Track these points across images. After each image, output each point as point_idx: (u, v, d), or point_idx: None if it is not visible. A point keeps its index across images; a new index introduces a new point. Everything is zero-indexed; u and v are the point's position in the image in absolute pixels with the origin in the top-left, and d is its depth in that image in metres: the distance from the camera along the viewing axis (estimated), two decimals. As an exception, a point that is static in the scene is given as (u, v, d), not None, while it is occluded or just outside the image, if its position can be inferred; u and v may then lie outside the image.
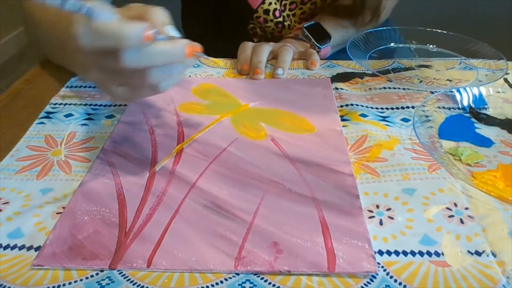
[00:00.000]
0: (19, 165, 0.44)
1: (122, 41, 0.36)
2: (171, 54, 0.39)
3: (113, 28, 0.36)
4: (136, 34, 0.36)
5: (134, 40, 0.36)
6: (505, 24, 1.56)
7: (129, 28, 0.36)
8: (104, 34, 0.36)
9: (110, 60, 0.37)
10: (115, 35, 0.36)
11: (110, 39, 0.36)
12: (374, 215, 0.38)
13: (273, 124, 0.50)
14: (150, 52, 0.37)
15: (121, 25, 0.36)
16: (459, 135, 0.48)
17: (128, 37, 0.36)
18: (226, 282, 0.32)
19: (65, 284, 0.32)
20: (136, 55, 0.37)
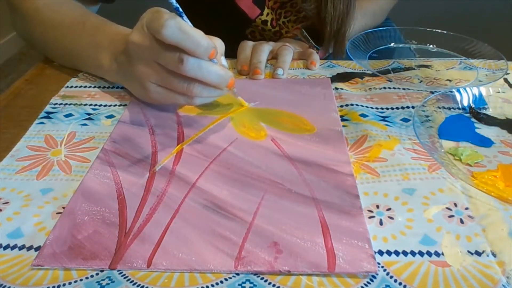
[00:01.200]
0: (19, 165, 0.44)
1: (198, 47, 0.41)
2: (221, 78, 0.44)
3: (196, 33, 0.41)
4: (207, 46, 0.41)
5: (205, 51, 0.41)
6: (505, 24, 1.56)
7: (206, 39, 0.41)
8: (188, 34, 0.40)
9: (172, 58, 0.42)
10: (196, 40, 0.41)
11: (191, 41, 0.41)
12: (374, 215, 0.38)
13: (273, 124, 0.50)
14: (208, 67, 0.43)
15: (202, 34, 0.42)
16: (459, 135, 0.48)
17: (203, 45, 0.41)
18: (226, 282, 0.32)
19: (65, 284, 0.32)
20: (196, 65, 0.42)
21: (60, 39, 0.59)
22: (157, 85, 0.45)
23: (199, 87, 0.44)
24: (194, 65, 0.42)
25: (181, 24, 0.41)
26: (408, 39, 0.70)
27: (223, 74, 0.44)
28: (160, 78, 0.45)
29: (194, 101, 0.46)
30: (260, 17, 0.74)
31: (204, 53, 0.41)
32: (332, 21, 0.65)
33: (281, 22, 0.75)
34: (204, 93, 0.45)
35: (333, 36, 0.67)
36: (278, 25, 0.75)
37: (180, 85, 0.44)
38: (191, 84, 0.44)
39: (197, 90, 0.44)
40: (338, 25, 0.65)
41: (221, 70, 0.44)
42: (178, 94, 0.45)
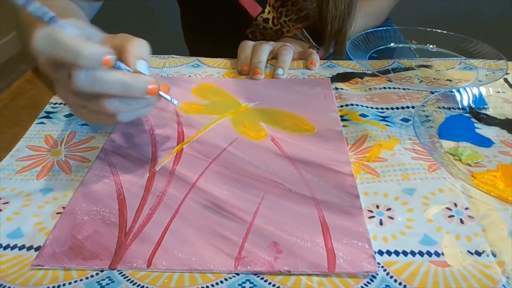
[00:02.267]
0: (19, 165, 0.44)
1: (78, 57, 0.34)
2: (127, 86, 0.37)
3: (72, 42, 0.34)
4: (94, 54, 0.34)
5: (91, 60, 0.34)
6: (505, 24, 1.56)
7: (88, 46, 0.34)
8: (62, 46, 0.34)
9: (61, 75, 0.36)
10: (73, 49, 0.34)
11: (66, 52, 0.34)
12: (374, 215, 0.38)
13: (273, 124, 0.50)
14: (105, 78, 0.35)
15: (82, 41, 0.34)
16: (459, 135, 0.48)
17: (85, 55, 0.34)
18: (226, 282, 0.32)
19: (65, 284, 0.32)
20: (89, 78, 0.35)
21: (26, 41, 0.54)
22: (79, 107, 0.39)
23: (112, 102, 0.37)
24: (86, 79, 0.35)
25: (52, 33, 0.34)
26: (408, 39, 0.70)
27: (130, 80, 0.36)
28: (76, 100, 0.38)
29: (118, 118, 0.39)
30: (262, 15, 0.74)
31: (92, 62, 0.34)
32: (333, 21, 0.65)
33: (282, 21, 0.75)
34: (123, 107, 0.38)
35: (334, 36, 0.66)
36: (279, 23, 0.75)
37: (91, 103, 0.37)
38: (100, 100, 0.37)
39: (111, 106, 0.37)
40: (339, 25, 0.65)
41: (124, 76, 0.36)
42: (100, 114, 0.39)
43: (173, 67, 0.63)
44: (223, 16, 0.78)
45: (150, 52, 0.41)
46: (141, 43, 0.40)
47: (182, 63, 0.64)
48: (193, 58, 0.65)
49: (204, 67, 0.63)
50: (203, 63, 0.64)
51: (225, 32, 0.79)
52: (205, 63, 0.64)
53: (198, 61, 0.64)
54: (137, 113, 0.41)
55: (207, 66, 0.63)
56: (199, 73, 0.61)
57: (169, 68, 0.62)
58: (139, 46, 0.39)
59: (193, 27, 0.88)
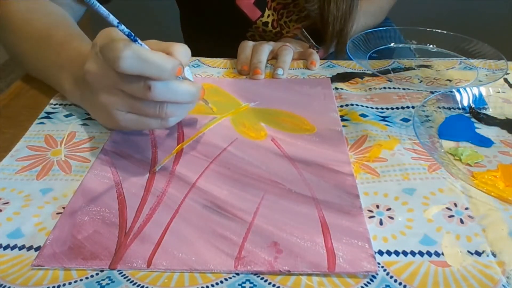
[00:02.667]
0: (19, 165, 0.44)
1: (163, 72, 0.38)
2: (192, 94, 0.41)
3: (158, 57, 0.37)
4: (175, 67, 0.38)
5: (171, 74, 0.38)
6: (505, 24, 1.56)
7: (170, 61, 0.38)
8: (148, 62, 0.37)
9: (138, 87, 0.38)
10: (159, 65, 0.37)
11: (153, 68, 0.37)
12: (374, 215, 0.38)
13: (273, 124, 0.50)
14: (178, 88, 0.39)
15: (163, 56, 0.38)
16: (459, 135, 0.48)
17: (168, 69, 0.38)
18: (226, 282, 0.32)
19: (65, 284, 0.32)
20: (165, 88, 0.39)
21: (29, 53, 0.55)
22: (126, 112, 0.41)
23: (171, 107, 0.41)
24: (162, 89, 0.39)
25: (139, 52, 0.37)
26: (408, 39, 0.70)
27: (194, 90, 0.41)
28: (128, 105, 0.41)
29: (168, 122, 0.42)
30: (261, 18, 0.74)
31: (171, 75, 0.38)
32: (335, 21, 0.65)
33: (283, 22, 0.75)
34: (178, 112, 0.42)
35: (336, 36, 0.67)
36: (279, 25, 0.75)
37: (151, 109, 0.40)
38: (163, 106, 0.40)
39: (170, 111, 0.41)
40: (340, 25, 0.65)
41: (191, 86, 0.41)
42: (150, 118, 0.42)
43: (173, 67, 0.62)
44: (222, 20, 0.78)
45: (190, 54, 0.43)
46: (185, 50, 0.42)
47: (182, 63, 0.63)
48: (193, 58, 0.65)
49: (204, 67, 0.63)
50: (203, 63, 0.64)
51: (224, 35, 0.79)
52: (205, 63, 0.64)
53: (198, 61, 0.64)
54: (183, 116, 0.44)
55: (207, 66, 0.63)
56: (199, 73, 0.61)
57: (169, 68, 0.62)
58: (184, 52, 0.42)
59: (192, 28, 0.88)
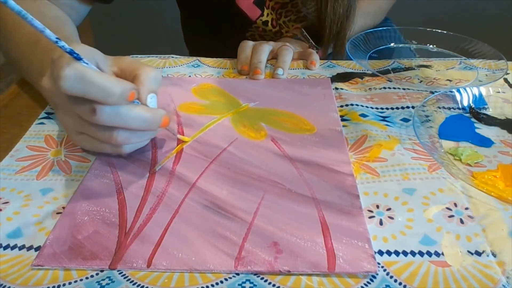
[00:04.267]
0: (19, 165, 0.44)
1: (109, 96, 0.35)
2: (148, 122, 0.38)
3: (103, 82, 0.34)
4: (123, 93, 0.35)
5: (120, 98, 0.35)
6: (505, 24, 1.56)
7: (119, 85, 0.35)
8: (94, 86, 0.34)
9: (83, 108, 0.36)
10: (104, 88, 0.34)
11: (97, 91, 0.34)
12: (374, 215, 0.38)
13: (273, 124, 0.50)
14: (128, 114, 0.37)
15: (111, 80, 0.35)
16: (459, 135, 0.48)
17: (115, 93, 0.35)
18: (226, 282, 0.32)
19: (65, 284, 0.32)
20: (113, 113, 0.36)
21: (18, 59, 0.53)
22: (79, 132, 0.39)
23: (124, 134, 0.38)
24: (110, 114, 0.36)
25: (83, 72, 0.34)
26: (408, 39, 0.70)
27: (149, 117, 0.38)
28: (79, 126, 0.39)
29: (123, 149, 0.40)
30: (261, 18, 0.74)
31: (119, 100, 0.35)
32: (332, 24, 0.65)
33: (282, 21, 0.75)
34: (132, 139, 0.39)
35: (333, 39, 0.67)
36: (278, 25, 0.75)
37: (101, 134, 0.38)
38: (114, 132, 0.38)
39: (122, 138, 0.38)
40: (337, 28, 0.65)
41: (146, 112, 0.38)
42: (104, 144, 0.39)
43: (173, 67, 0.63)
44: (222, 20, 0.78)
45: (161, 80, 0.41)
46: (155, 75, 0.40)
47: (182, 63, 0.64)
48: (193, 58, 0.65)
49: (204, 67, 0.63)
50: (203, 63, 0.64)
51: (224, 35, 0.79)
52: (205, 63, 0.64)
53: (198, 61, 0.64)
54: (140, 145, 0.42)
55: (207, 66, 0.63)
56: (199, 73, 0.61)
57: (169, 68, 0.62)
58: (153, 78, 0.39)
59: (192, 28, 0.88)
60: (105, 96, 0.35)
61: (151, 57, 0.65)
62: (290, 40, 0.70)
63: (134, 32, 1.67)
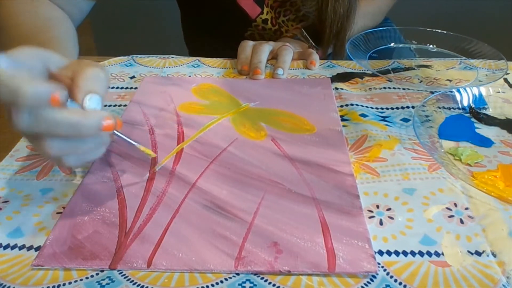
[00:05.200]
0: (19, 165, 0.44)
1: (17, 97, 0.30)
2: (76, 126, 0.32)
3: (10, 79, 0.30)
4: (37, 93, 0.30)
5: (34, 100, 0.30)
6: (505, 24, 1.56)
7: (31, 84, 0.30)
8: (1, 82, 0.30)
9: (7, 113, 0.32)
10: (11, 88, 0.30)
11: (5, 92, 0.30)
12: (374, 215, 0.38)
13: (273, 124, 0.50)
14: (51, 118, 0.31)
15: (22, 79, 0.30)
16: (459, 135, 0.48)
17: (26, 95, 0.30)
18: (226, 282, 0.32)
19: (65, 284, 0.32)
20: (32, 119, 0.31)
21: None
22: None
23: (55, 143, 0.33)
24: (28, 120, 0.31)
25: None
26: (408, 39, 0.70)
27: (80, 120, 0.32)
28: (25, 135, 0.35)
29: (65, 162, 0.35)
30: (261, 16, 0.74)
31: (35, 102, 0.30)
32: (332, 24, 0.65)
33: (281, 20, 0.75)
34: (68, 149, 0.34)
35: (333, 39, 0.67)
36: (277, 23, 0.75)
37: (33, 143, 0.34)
38: (42, 141, 0.33)
39: (55, 149, 0.33)
40: (337, 29, 0.65)
41: (73, 116, 0.32)
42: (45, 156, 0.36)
43: (173, 67, 0.63)
44: (222, 19, 0.78)
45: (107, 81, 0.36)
46: (94, 74, 0.35)
47: (182, 63, 0.64)
48: (193, 58, 0.65)
49: (204, 67, 0.63)
50: (203, 63, 0.64)
51: (224, 34, 0.79)
52: (205, 63, 0.64)
53: (198, 61, 0.64)
54: (87, 155, 0.36)
55: (207, 66, 0.63)
56: (199, 73, 0.61)
57: (169, 68, 0.62)
58: (91, 78, 0.35)
59: (192, 28, 0.88)
60: (13, 96, 0.30)
61: (151, 57, 0.65)
62: (290, 40, 0.70)
63: (134, 32, 1.67)
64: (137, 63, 0.64)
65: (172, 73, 0.61)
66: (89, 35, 1.77)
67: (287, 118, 0.51)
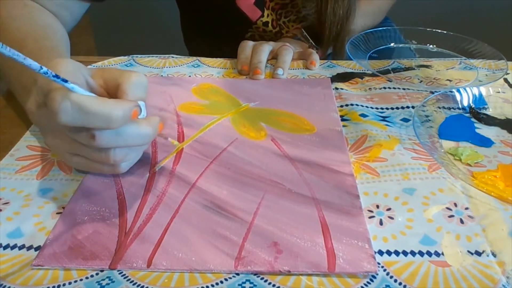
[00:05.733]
0: (19, 164, 0.44)
1: (111, 122, 0.32)
2: (146, 136, 0.36)
3: (101, 108, 0.32)
4: (125, 115, 0.33)
5: (123, 121, 0.33)
6: (505, 24, 1.56)
7: (119, 108, 0.33)
8: (92, 114, 0.32)
9: (81, 135, 0.34)
10: (104, 115, 0.32)
11: (98, 120, 0.32)
12: (374, 215, 0.38)
13: (273, 124, 0.50)
14: (128, 131, 0.34)
15: (110, 103, 0.33)
16: (459, 135, 0.48)
17: (117, 118, 0.32)
18: (226, 282, 0.32)
19: (65, 284, 0.32)
20: (113, 135, 0.34)
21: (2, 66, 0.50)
22: (74, 154, 0.37)
23: (121, 152, 0.36)
24: (110, 137, 0.34)
25: (80, 103, 0.32)
26: (408, 39, 0.70)
27: (149, 132, 0.36)
28: (74, 149, 0.37)
29: (120, 168, 0.38)
30: (262, 18, 0.74)
31: (122, 123, 0.33)
32: (332, 26, 0.65)
33: (282, 22, 0.75)
34: (130, 156, 0.38)
35: (332, 40, 0.67)
36: (278, 25, 0.75)
37: (97, 155, 0.36)
38: (110, 151, 0.36)
39: (119, 157, 0.36)
40: (337, 30, 0.66)
41: (144, 127, 0.36)
42: (100, 164, 0.37)
43: (173, 67, 0.63)
44: (222, 20, 0.78)
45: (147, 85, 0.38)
46: (138, 81, 0.37)
47: (182, 63, 0.64)
48: (193, 58, 0.65)
49: (204, 67, 0.63)
50: (203, 63, 0.64)
51: (224, 35, 0.79)
52: (205, 63, 0.64)
53: (198, 61, 0.64)
54: (137, 158, 0.40)
55: (207, 66, 0.63)
56: (199, 73, 0.61)
57: (169, 68, 0.62)
58: (136, 84, 0.37)
59: (192, 28, 0.88)
60: (107, 123, 0.33)
61: (151, 57, 0.65)
62: (290, 40, 0.70)
63: (134, 32, 1.67)
64: (137, 63, 0.64)
65: (172, 73, 0.61)
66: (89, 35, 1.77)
67: (287, 118, 0.51)
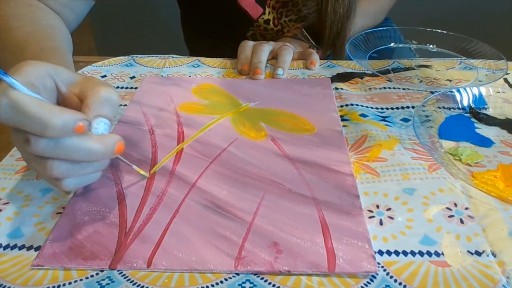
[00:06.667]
0: (19, 164, 0.44)
1: (46, 130, 0.30)
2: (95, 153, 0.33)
3: (39, 111, 0.30)
4: (65, 126, 0.30)
5: (61, 132, 0.30)
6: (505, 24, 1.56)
7: (60, 116, 0.30)
8: (27, 115, 0.29)
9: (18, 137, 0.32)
10: (40, 121, 0.29)
11: (33, 124, 0.30)
12: (374, 215, 0.38)
13: (273, 124, 0.50)
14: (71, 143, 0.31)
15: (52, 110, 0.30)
16: (459, 135, 0.48)
17: (55, 127, 0.30)
18: (226, 282, 0.32)
19: (65, 284, 0.32)
20: (52, 145, 0.31)
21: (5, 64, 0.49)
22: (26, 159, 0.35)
23: (61, 166, 0.32)
24: (46, 145, 0.31)
25: (17, 101, 0.29)
26: (408, 39, 0.70)
27: (95, 148, 0.32)
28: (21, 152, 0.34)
29: (63, 184, 0.34)
30: (263, 16, 0.74)
31: (60, 133, 0.30)
32: (332, 25, 0.65)
33: (283, 21, 0.75)
34: (74, 172, 0.33)
35: (333, 39, 0.67)
36: (279, 24, 0.75)
37: (35, 163, 0.33)
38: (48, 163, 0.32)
39: (59, 170, 0.32)
40: (337, 29, 0.66)
41: (91, 143, 0.32)
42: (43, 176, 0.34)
43: (173, 67, 0.63)
44: (223, 20, 0.78)
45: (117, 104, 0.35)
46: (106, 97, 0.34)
47: (182, 63, 0.64)
48: (193, 58, 0.65)
49: (204, 67, 0.63)
50: (203, 63, 0.64)
51: (225, 34, 0.79)
52: (205, 63, 0.64)
53: (198, 61, 0.64)
54: (85, 179, 0.36)
55: (207, 66, 0.63)
56: (199, 73, 0.61)
57: (169, 68, 0.62)
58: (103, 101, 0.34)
59: (192, 28, 0.88)
60: (42, 129, 0.30)
61: (151, 57, 0.65)
62: (290, 40, 0.70)
63: (134, 32, 1.67)
64: (137, 63, 0.64)
65: (172, 73, 0.61)
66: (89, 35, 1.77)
67: (287, 118, 0.51)
